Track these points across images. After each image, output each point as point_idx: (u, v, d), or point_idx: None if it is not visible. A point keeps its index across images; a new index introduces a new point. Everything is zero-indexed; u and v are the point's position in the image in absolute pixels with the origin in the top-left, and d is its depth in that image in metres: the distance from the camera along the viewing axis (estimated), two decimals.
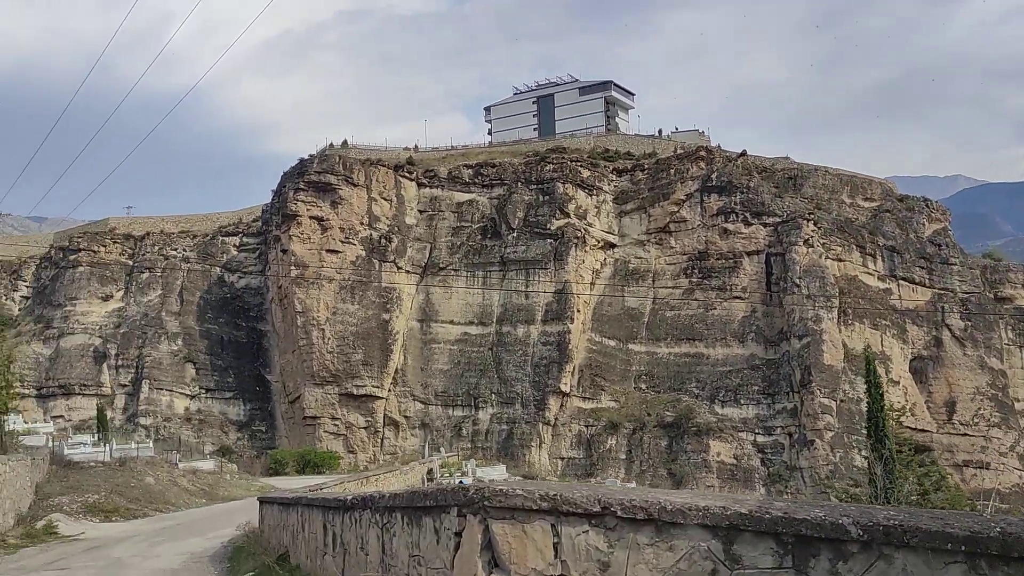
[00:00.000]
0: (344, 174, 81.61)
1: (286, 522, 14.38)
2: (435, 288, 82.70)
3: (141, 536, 24.82)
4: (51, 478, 32.43)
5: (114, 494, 31.53)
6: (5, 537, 23.54)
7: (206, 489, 39.12)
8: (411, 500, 6.21)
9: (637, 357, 79.15)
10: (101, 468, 34.93)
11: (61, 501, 29.39)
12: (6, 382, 25.94)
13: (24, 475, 27.77)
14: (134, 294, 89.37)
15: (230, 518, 29.04)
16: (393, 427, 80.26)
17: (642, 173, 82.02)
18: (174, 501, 34.52)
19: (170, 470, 38.88)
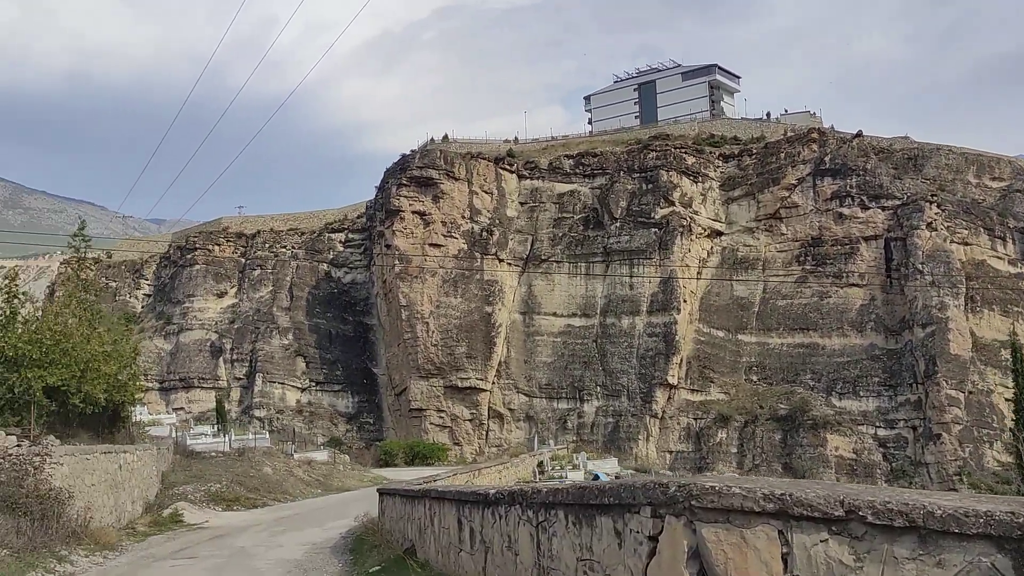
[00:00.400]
0: (445, 168, 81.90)
1: (411, 515, 13.93)
2: (537, 280, 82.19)
3: (262, 526, 24.94)
4: (175, 467, 33.10)
5: (234, 484, 32.00)
6: (134, 524, 24.06)
7: (320, 479, 39.37)
8: (580, 496, 5.48)
9: (747, 348, 76.82)
10: (221, 458, 35.79)
11: (185, 490, 29.90)
12: (134, 374, 26.60)
13: (151, 464, 28.38)
14: (247, 290, 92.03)
15: (346, 509, 29.06)
16: (498, 419, 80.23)
17: (750, 158, 79.44)
18: (291, 491, 34.69)
19: (286, 460, 39.60)
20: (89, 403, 22.01)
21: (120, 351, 24.78)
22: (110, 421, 25.19)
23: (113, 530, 21.27)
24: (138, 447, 27.01)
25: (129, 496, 24.80)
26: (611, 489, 4.96)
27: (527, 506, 6.89)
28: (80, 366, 21.40)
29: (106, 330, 24.75)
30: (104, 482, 22.20)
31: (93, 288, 26.58)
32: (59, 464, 19.42)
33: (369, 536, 20.07)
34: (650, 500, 4.40)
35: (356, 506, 29.47)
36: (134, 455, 25.61)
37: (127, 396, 25.44)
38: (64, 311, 22.78)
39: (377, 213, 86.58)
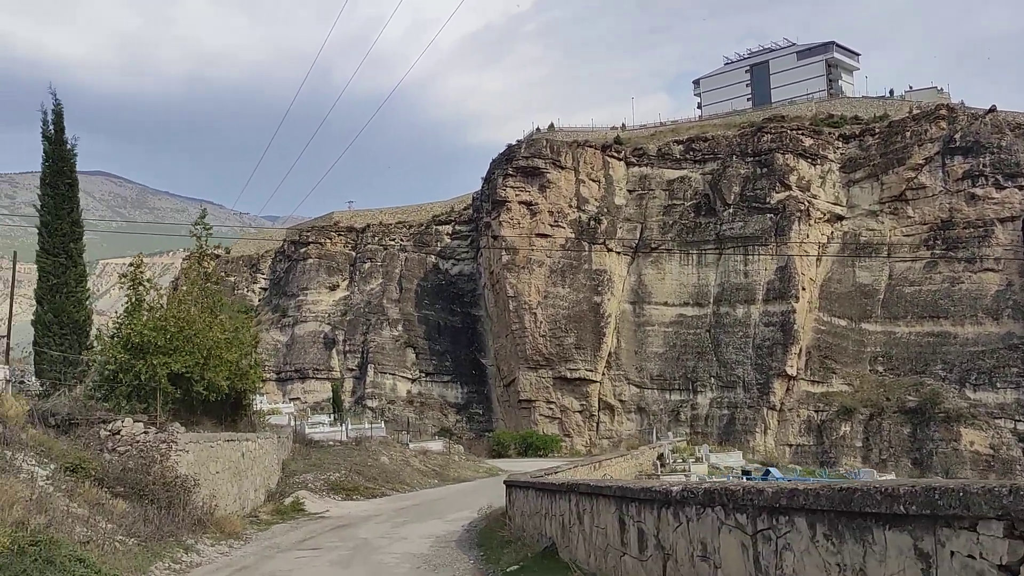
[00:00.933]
0: (551, 157, 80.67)
1: (550, 510, 12.71)
2: (647, 269, 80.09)
3: (383, 516, 24.42)
4: (295, 456, 33.05)
5: (353, 473, 31.64)
6: (257, 513, 23.81)
7: (437, 470, 38.74)
8: (843, 500, 4.05)
9: (872, 337, 72.90)
10: (339, 447, 35.75)
11: (305, 479, 29.65)
12: (255, 362, 26.48)
13: (272, 453, 28.25)
14: (358, 283, 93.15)
15: (465, 500, 28.27)
16: (608, 411, 78.65)
17: (872, 138, 75.20)
18: (408, 481, 34.24)
19: (402, 450, 39.31)
20: (212, 390, 21.76)
21: (241, 339, 24.55)
22: (232, 409, 24.99)
23: (237, 518, 20.92)
24: (260, 435, 26.80)
25: (252, 484, 24.57)
26: (908, 492, 3.56)
27: (735, 508, 5.53)
28: (203, 353, 21.15)
29: (227, 318, 24.59)
30: (228, 470, 21.92)
31: (214, 277, 26.57)
32: (184, 451, 19.13)
33: (495, 530, 19.04)
34: (1004, 510, 2.99)
35: (475, 498, 28.59)
36: (256, 443, 25.39)
37: (248, 384, 25.14)
38: (187, 299, 22.65)
39: (484, 204, 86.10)
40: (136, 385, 19.83)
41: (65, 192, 26.37)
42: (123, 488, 15.87)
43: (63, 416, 17.49)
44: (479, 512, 23.83)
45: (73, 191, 26.70)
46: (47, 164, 26.26)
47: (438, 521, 22.96)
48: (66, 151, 26.60)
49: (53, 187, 26.34)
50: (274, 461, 28.71)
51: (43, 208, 26.09)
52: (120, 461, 17.26)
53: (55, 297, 25.36)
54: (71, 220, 26.26)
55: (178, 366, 20.28)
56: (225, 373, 22.13)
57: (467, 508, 25.50)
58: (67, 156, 26.60)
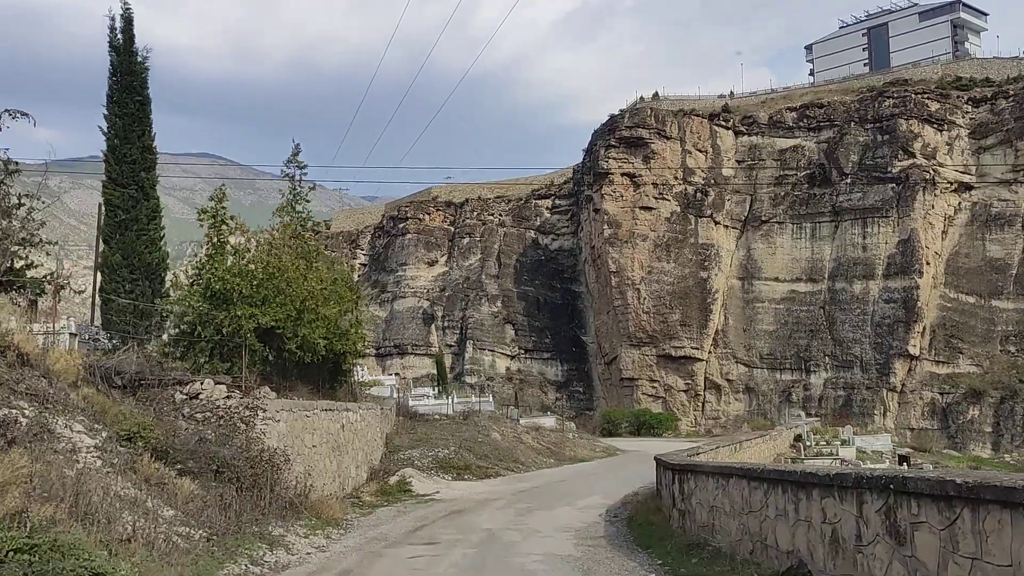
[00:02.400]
0: (656, 127, 75.25)
1: (785, 511, 8.20)
2: (757, 243, 74.05)
3: (502, 501, 20.63)
4: (399, 430, 29.60)
5: (463, 450, 28.09)
6: (359, 493, 20.18)
7: (551, 448, 34.72)
8: None
9: (1003, 315, 65.38)
10: (446, 421, 32.60)
11: (412, 455, 26.28)
12: (357, 321, 22.36)
13: (375, 425, 24.66)
14: (456, 258, 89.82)
15: (591, 483, 24.28)
16: (715, 390, 73.22)
17: (1006, 100, 67.19)
18: (522, 460, 30.33)
19: (512, 426, 35.54)
20: (307, 350, 17.94)
21: (340, 292, 20.66)
22: (331, 374, 21.22)
23: (336, 501, 17.12)
24: (362, 406, 23.11)
25: (353, 460, 20.89)
26: None
27: None
28: (296, 305, 17.39)
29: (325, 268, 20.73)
30: (326, 443, 18.15)
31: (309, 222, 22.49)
32: (275, 420, 15.38)
33: (651, 523, 14.64)
34: None
35: (601, 481, 24.67)
36: (358, 414, 21.61)
37: (349, 346, 21.18)
38: (279, 242, 18.76)
39: (585, 177, 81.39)
40: (218, 341, 16.13)
41: (135, 112, 22.03)
42: (195, 463, 12.16)
43: (130, 375, 13.91)
44: (614, 498, 19.58)
45: (145, 111, 22.32)
46: (114, 79, 22.02)
47: (569, 508, 18.73)
48: (136, 64, 22.28)
49: (121, 106, 21.98)
50: (377, 435, 25.18)
51: (110, 130, 21.86)
52: (195, 430, 13.56)
53: (124, 235, 21.30)
54: (142, 145, 22.00)
55: (267, 319, 16.51)
56: (322, 331, 18.35)
57: (596, 493, 21.38)
58: (138, 70, 22.28)
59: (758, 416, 70.50)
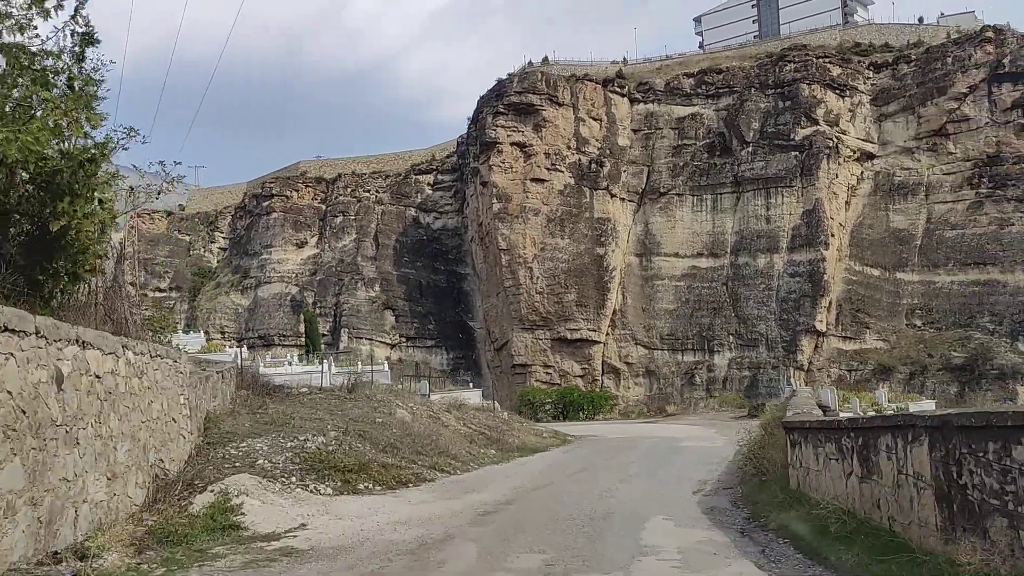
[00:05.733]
0: (547, 93, 69.98)
1: None
2: (656, 217, 69.94)
3: (465, 546, 10.74)
4: (237, 409, 19.34)
5: (352, 437, 18.28)
6: (103, 545, 9.25)
7: (487, 433, 25.22)
8: None
9: (908, 288, 63.59)
10: (319, 396, 22.64)
11: (253, 449, 15.93)
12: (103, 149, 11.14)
13: (172, 392, 13.49)
14: (328, 239, 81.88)
15: (592, 489, 16.12)
16: (613, 375, 68.56)
17: (908, 66, 65.53)
18: (454, 452, 20.86)
19: (424, 403, 25.88)
20: None
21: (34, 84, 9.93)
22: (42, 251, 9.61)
23: None
24: (137, 345, 11.55)
25: (102, 461, 9.88)
26: None
27: None
28: None
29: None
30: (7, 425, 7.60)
31: None
32: None
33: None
34: None
35: (599, 483, 17.19)
36: (122, 359, 10.64)
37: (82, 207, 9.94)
38: None
39: (471, 148, 75.22)
40: None
41: None
42: None
43: None
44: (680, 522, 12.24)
45: None
46: None
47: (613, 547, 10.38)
48: None
49: None
50: (177, 411, 13.78)
51: None
52: None
53: None
54: None
55: None
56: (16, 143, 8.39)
57: (640, 515, 12.86)
58: None
59: (659, 401, 66.48)
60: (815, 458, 12.03)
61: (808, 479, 12.52)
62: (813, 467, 12.16)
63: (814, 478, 12.09)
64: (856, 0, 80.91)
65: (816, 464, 11.95)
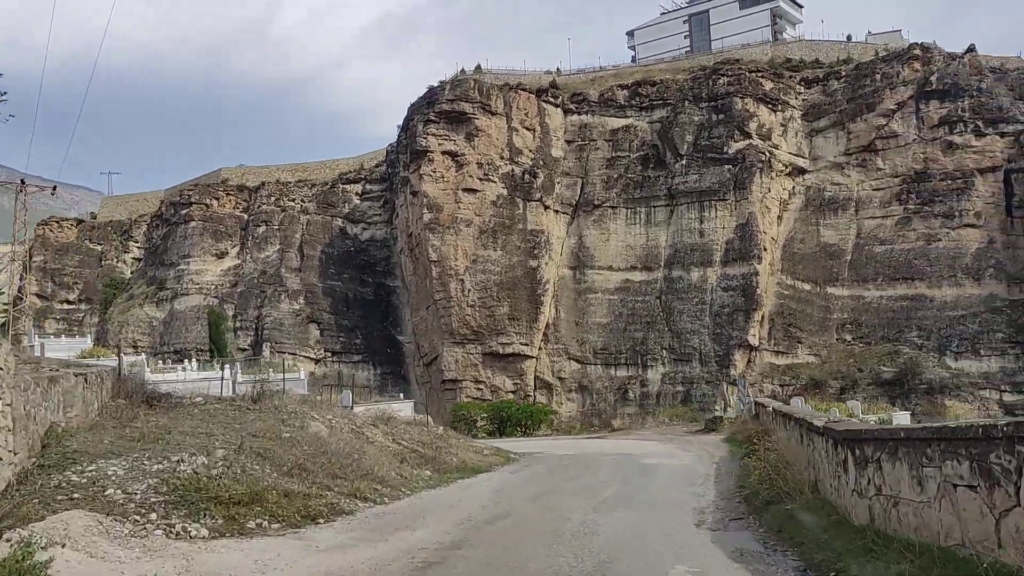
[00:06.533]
0: (480, 101, 67.94)
1: None
2: (589, 229, 68.38)
3: None
4: (104, 421, 16.08)
5: (248, 457, 15.03)
6: None
7: (421, 451, 21.70)
8: None
9: (839, 302, 63.33)
10: (217, 407, 19.36)
11: (104, 474, 12.65)
12: None
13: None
14: (250, 250, 77.84)
15: (572, 528, 12.93)
16: (546, 390, 66.46)
17: (837, 82, 65.68)
18: (381, 474, 17.44)
19: (346, 416, 22.44)
20: None
21: None
22: None
23: None
24: None
25: None
26: None
27: None
28: None
29: None
30: None
31: None
32: None
33: None
34: None
35: (601, 518, 13.87)
36: None
37: None
38: None
39: (401, 156, 72.54)
40: None
41: None
42: None
43: None
44: None
45: None
46: None
47: None
48: None
49: None
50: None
51: None
52: None
53: None
54: None
55: None
56: None
57: (620, 555, 10.75)
58: None
59: (592, 417, 64.59)
60: (913, 483, 8.68)
61: (895, 513, 9.23)
62: (909, 496, 8.85)
63: (911, 512, 8.80)
64: (785, 19, 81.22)
65: (916, 492, 8.63)
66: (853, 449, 10.13)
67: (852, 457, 10.19)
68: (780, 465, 14.00)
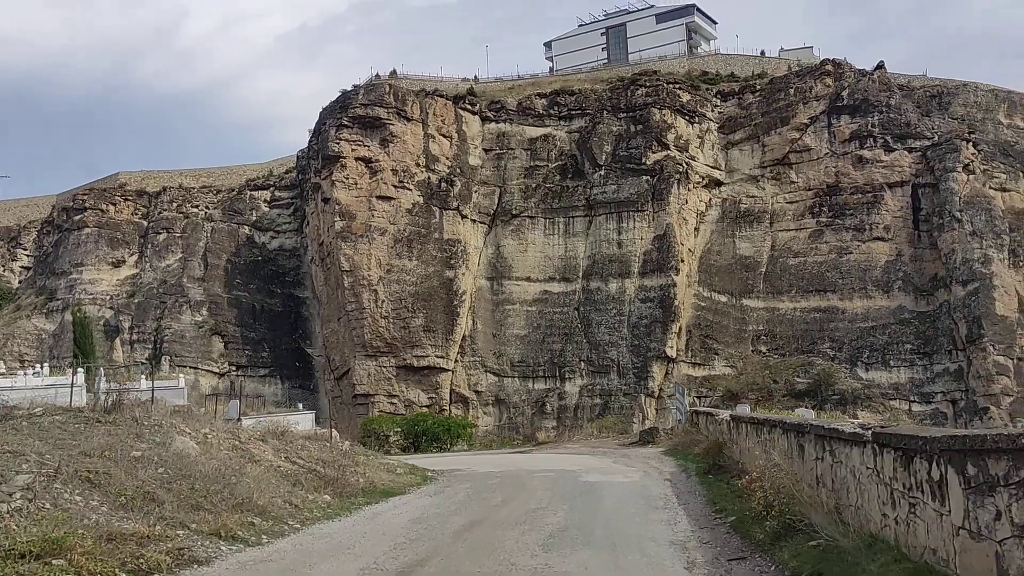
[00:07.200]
0: (396, 107, 65.71)
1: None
2: (507, 239, 66.74)
3: None
4: None
5: (69, 486, 11.89)
6: None
7: (320, 470, 18.57)
8: None
9: (754, 314, 63.32)
10: (57, 420, 15.77)
11: None
12: None
13: None
14: (150, 258, 73.45)
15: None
16: (462, 404, 64.30)
17: (753, 96, 65.99)
18: (262, 503, 14.18)
19: (229, 430, 19.49)
20: None
21: None
22: None
23: None
24: None
25: None
26: None
27: None
28: None
29: None
30: None
31: None
32: None
33: None
34: None
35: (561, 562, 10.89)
36: None
37: None
38: None
39: (312, 162, 69.57)
40: None
41: None
42: None
43: None
44: None
45: None
46: None
47: None
48: None
49: None
50: None
51: None
52: None
53: None
54: None
55: None
56: None
57: None
58: None
59: (509, 431, 62.77)
60: None
61: None
62: None
63: None
64: (700, 34, 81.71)
65: None
66: (963, 467, 6.91)
67: (960, 478, 6.96)
68: (791, 487, 11.12)
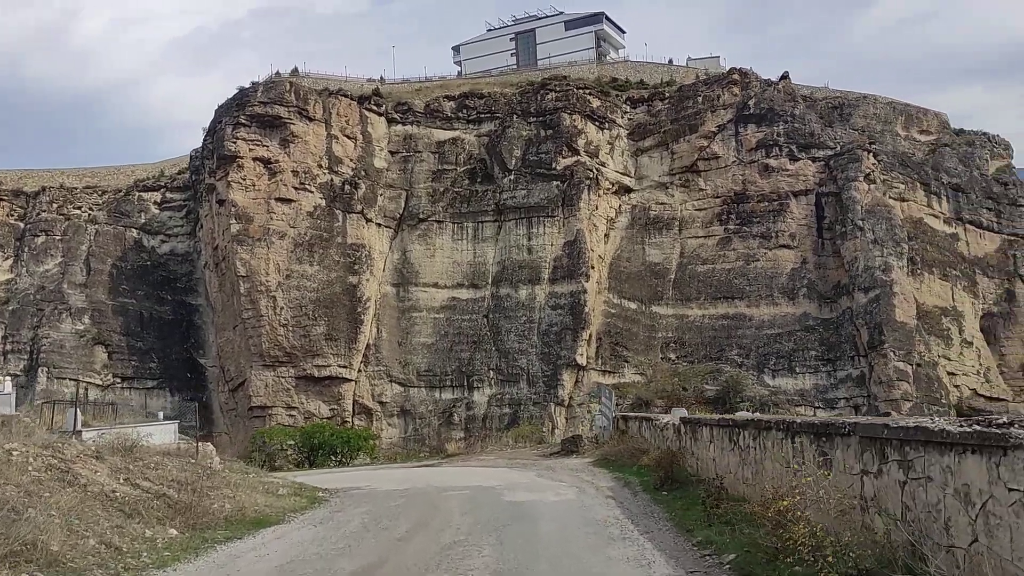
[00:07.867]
0: (297, 106, 62.75)
1: None
2: (414, 244, 64.38)
3: None
4: None
5: None
6: None
7: (171, 495, 14.94)
8: None
9: (663, 321, 62.73)
10: None
11: None
12: None
13: None
14: (27, 262, 67.93)
15: None
16: (365, 415, 61.46)
17: (662, 103, 65.70)
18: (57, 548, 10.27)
19: (59, 444, 15.91)
20: None
21: None
22: None
23: None
24: None
25: None
26: None
27: None
28: None
29: None
30: None
31: None
32: None
33: None
34: None
35: None
36: None
37: None
38: None
39: (207, 162, 65.74)
40: None
41: None
42: None
43: None
44: None
45: None
46: None
47: None
48: None
49: None
50: None
51: None
52: None
53: None
54: None
55: None
56: None
57: None
58: None
59: (415, 443, 60.19)
60: None
61: None
62: None
63: None
64: (609, 43, 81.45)
65: None
66: None
67: None
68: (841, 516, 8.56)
